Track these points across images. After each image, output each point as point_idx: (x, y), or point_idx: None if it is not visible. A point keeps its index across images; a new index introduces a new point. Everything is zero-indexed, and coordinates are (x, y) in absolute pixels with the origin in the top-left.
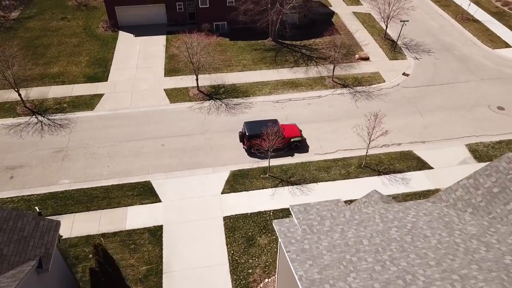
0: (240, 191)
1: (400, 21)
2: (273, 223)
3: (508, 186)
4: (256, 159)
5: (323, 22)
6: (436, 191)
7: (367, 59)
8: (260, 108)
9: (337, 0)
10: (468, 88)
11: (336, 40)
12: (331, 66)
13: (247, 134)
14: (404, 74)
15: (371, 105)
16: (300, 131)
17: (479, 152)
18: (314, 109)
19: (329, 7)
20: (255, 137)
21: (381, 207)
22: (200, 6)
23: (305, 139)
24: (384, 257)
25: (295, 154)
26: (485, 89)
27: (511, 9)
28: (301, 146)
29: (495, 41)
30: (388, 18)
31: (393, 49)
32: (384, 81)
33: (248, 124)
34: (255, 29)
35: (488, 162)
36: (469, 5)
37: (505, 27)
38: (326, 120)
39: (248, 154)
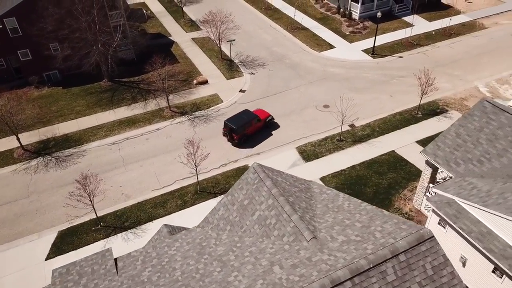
0: (68, 252)
1: (227, 41)
2: None
3: (254, 196)
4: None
5: (162, 53)
6: None
7: (205, 82)
8: (95, 154)
9: (176, 29)
10: (298, 93)
11: (174, 69)
12: (170, 97)
13: (235, 128)
14: (240, 91)
15: (210, 128)
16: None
17: (307, 152)
18: (152, 144)
19: (169, 37)
20: (242, 129)
21: (151, 246)
22: (22, 60)
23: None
24: None
25: None
26: (313, 91)
27: (333, 13)
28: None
29: (321, 45)
30: (219, 39)
31: (230, 68)
32: (222, 101)
33: (230, 121)
34: (91, 72)
35: (241, 176)
36: (294, 15)
37: (329, 30)
38: (164, 152)
39: (236, 146)
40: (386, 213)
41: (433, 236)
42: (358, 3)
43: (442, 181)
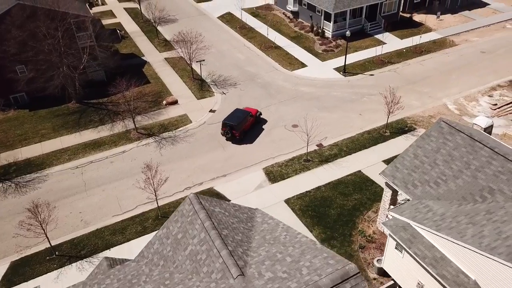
0: (19, 284)
1: (196, 62)
2: None
3: (188, 229)
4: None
5: (134, 73)
6: None
7: (175, 102)
8: (57, 179)
9: (150, 49)
10: (268, 112)
11: (144, 89)
12: (137, 118)
13: (235, 125)
14: (210, 111)
15: (177, 150)
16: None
17: (273, 174)
18: (116, 167)
19: (141, 57)
20: (240, 125)
21: (81, 283)
22: None
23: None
24: None
25: None
26: (283, 110)
27: (307, 32)
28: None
29: (293, 63)
30: (190, 59)
31: (201, 88)
32: (191, 122)
33: (229, 120)
34: (57, 94)
35: (177, 208)
36: (267, 34)
37: (302, 48)
38: (128, 176)
39: (236, 143)
40: (319, 246)
41: (359, 272)
42: (330, 22)
43: (403, 202)
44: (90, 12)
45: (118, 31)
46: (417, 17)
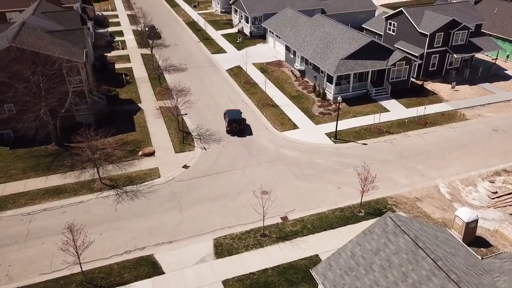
0: None
1: (178, 115)
2: None
3: None
4: None
5: (124, 119)
6: None
7: (151, 154)
8: (3, 225)
9: (149, 96)
10: (241, 175)
11: (126, 138)
12: (109, 167)
13: (240, 120)
14: (184, 166)
15: (134, 206)
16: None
17: (222, 247)
18: (67, 218)
19: (137, 104)
20: (242, 119)
21: None
22: None
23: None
24: None
25: None
26: (258, 173)
27: (309, 92)
28: None
29: (285, 124)
30: (176, 111)
31: (183, 141)
32: (159, 176)
33: (234, 117)
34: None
35: None
36: (265, 89)
37: (299, 109)
38: (76, 229)
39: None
40: None
41: None
42: (332, 84)
43: None
44: (83, 57)
45: (124, 76)
46: (431, 86)
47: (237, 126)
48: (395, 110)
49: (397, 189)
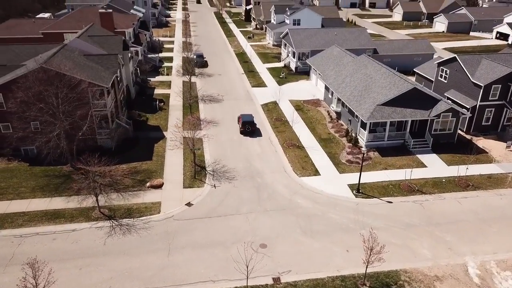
0: None
1: (191, 149)
2: None
3: None
4: None
5: (144, 147)
6: None
7: (159, 186)
8: None
9: (175, 124)
10: (243, 221)
11: (140, 166)
12: (113, 195)
13: (254, 122)
14: (187, 204)
15: (123, 241)
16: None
17: None
18: (55, 246)
19: (163, 132)
20: (254, 122)
21: None
22: (3, 132)
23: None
24: None
25: None
26: (261, 222)
27: (341, 136)
28: None
29: (306, 169)
30: (193, 144)
31: (195, 175)
32: (159, 212)
33: (247, 119)
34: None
35: None
36: (293, 129)
37: (325, 153)
38: (57, 260)
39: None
40: None
41: None
42: (365, 130)
43: None
44: (109, 82)
45: (157, 102)
46: (482, 142)
47: (250, 127)
48: (433, 166)
49: (415, 262)
